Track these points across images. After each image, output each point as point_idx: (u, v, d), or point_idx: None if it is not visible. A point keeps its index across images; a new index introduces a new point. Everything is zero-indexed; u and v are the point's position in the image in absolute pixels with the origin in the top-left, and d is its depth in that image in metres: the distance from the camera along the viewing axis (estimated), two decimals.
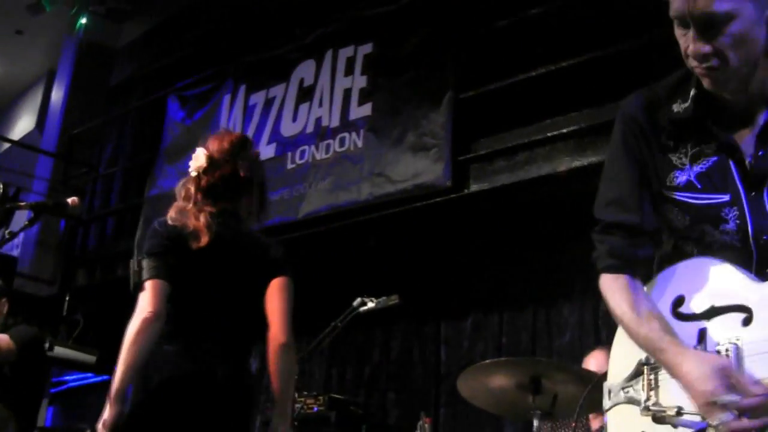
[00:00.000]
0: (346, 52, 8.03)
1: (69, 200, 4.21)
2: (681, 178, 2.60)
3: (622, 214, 2.68)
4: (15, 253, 11.44)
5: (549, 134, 6.53)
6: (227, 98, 9.17)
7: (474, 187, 6.87)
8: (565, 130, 6.44)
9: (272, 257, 4.24)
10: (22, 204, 4.17)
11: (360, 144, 7.56)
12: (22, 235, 8.50)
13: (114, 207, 10.99)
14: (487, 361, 5.39)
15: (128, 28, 12.58)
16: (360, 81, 7.81)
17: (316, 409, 6.83)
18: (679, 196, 2.60)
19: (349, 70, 7.93)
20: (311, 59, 8.35)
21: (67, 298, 10.63)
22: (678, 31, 2.48)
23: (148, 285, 3.93)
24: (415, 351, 7.96)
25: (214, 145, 4.33)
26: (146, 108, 11.06)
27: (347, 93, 7.87)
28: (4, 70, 15.56)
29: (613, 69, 6.23)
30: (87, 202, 11.11)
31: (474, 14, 7.26)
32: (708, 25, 2.39)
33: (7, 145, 16.07)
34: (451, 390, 7.44)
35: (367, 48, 7.87)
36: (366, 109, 7.67)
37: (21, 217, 4.37)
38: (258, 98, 8.80)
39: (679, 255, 2.67)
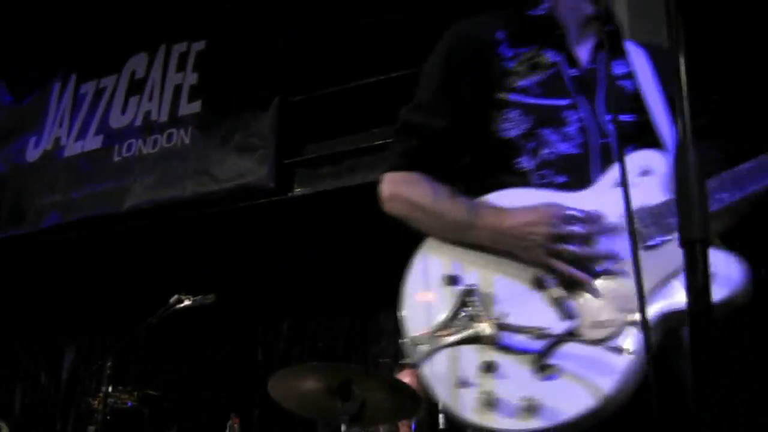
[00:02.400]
0: (179, 48, 7.99)
1: None
2: (521, 82, 2.58)
3: (427, 117, 2.67)
4: None
5: (376, 143, 6.60)
6: (58, 86, 9.00)
7: (298, 191, 6.92)
8: (391, 139, 6.51)
9: None
10: None
11: (187, 141, 7.53)
12: None
13: None
14: (298, 365, 5.46)
15: None
16: (191, 78, 7.78)
17: (130, 404, 6.76)
18: (521, 97, 2.56)
19: (181, 66, 7.89)
20: (144, 52, 8.27)
21: None
22: None
23: None
24: (232, 351, 7.96)
25: None
26: None
27: (178, 89, 7.83)
28: None
29: None
30: None
31: (308, 18, 7.29)
32: None
33: None
34: (266, 391, 7.46)
35: (200, 45, 7.84)
36: (195, 107, 7.64)
37: None
38: (88, 88, 8.65)
39: (495, 181, 2.57)
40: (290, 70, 7.20)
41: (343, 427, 4.82)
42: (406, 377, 5.40)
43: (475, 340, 2.28)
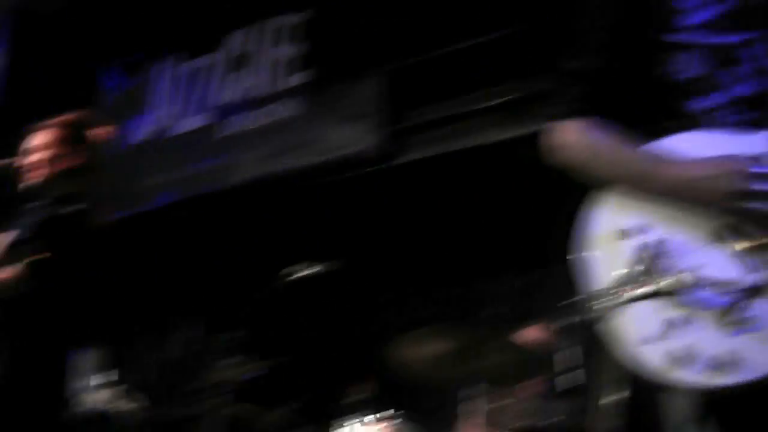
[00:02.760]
0: (278, 21, 7.96)
1: None
2: (691, 19, 2.42)
3: (594, 60, 2.55)
4: None
5: (484, 104, 6.52)
6: (161, 66, 9.05)
7: (405, 158, 6.84)
8: (498, 101, 6.44)
9: None
10: None
11: (291, 113, 7.51)
12: None
13: None
14: (424, 329, 5.45)
15: None
16: (292, 49, 7.75)
17: (258, 374, 6.82)
18: (693, 36, 2.40)
19: (282, 39, 7.87)
20: (243, 28, 8.26)
21: None
22: None
23: None
24: (349, 320, 7.96)
25: None
26: (77, 77, 10.91)
27: (279, 61, 7.81)
28: None
29: (545, 40, 6.24)
30: None
31: None
32: None
33: None
34: (393, 356, 7.44)
35: (300, 16, 7.80)
36: (298, 78, 7.61)
37: None
38: (191, 66, 8.68)
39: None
40: (394, 35, 7.12)
41: (468, 391, 4.82)
42: (532, 333, 5.36)
43: (661, 294, 2.19)
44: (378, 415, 5.22)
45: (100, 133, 4.37)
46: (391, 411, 5.25)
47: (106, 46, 9.74)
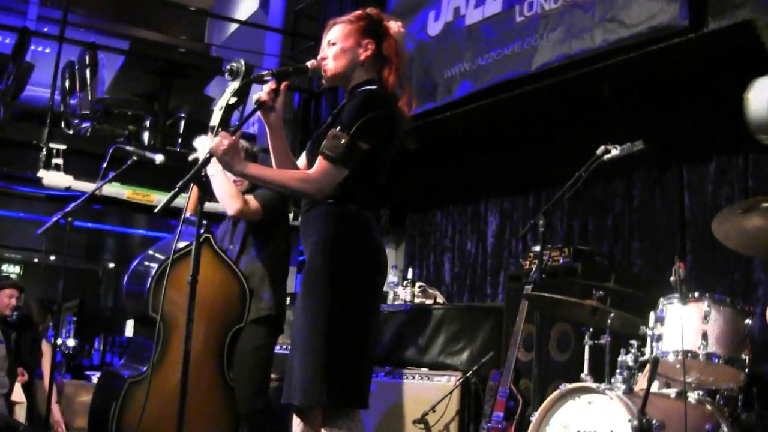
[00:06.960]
0: None
1: (308, 63, 4.24)
2: None
3: None
4: (253, 130, 11.75)
5: None
6: None
7: (713, 25, 6.52)
8: None
9: None
10: (265, 73, 4.19)
11: None
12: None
13: None
14: (747, 200, 5.28)
15: None
16: None
17: (562, 260, 6.84)
18: None
19: None
20: None
21: None
22: None
23: (338, 172, 3.93)
24: (658, 199, 7.80)
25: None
26: None
27: None
28: None
29: None
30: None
31: None
32: None
33: (233, 28, 16.45)
34: (698, 236, 7.28)
35: None
36: None
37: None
38: None
39: None
40: None
41: None
42: None
43: None
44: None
45: (392, 26, 4.39)
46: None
47: None
